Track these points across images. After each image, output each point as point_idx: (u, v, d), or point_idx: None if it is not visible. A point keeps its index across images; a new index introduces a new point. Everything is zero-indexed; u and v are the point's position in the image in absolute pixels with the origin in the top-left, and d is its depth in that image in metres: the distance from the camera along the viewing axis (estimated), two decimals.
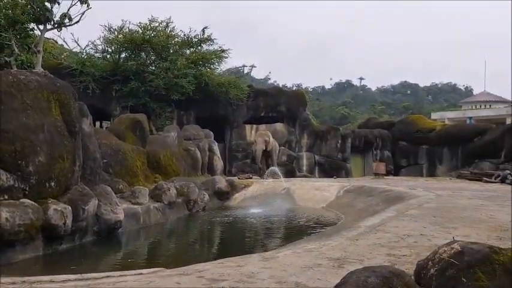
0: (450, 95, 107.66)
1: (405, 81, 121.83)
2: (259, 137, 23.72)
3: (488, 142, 29.36)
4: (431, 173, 31.20)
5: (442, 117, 46.92)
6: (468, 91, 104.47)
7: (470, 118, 44.10)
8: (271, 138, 23.79)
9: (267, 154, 23.71)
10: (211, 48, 28.77)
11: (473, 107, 55.20)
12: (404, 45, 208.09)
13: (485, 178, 22.36)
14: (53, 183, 8.68)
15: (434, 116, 47.94)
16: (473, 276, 3.13)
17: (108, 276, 4.73)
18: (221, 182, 17.73)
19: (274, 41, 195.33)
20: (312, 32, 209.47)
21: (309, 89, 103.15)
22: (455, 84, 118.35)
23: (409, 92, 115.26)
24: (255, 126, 28.36)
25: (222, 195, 17.46)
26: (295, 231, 11.57)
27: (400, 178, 26.54)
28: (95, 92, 24.62)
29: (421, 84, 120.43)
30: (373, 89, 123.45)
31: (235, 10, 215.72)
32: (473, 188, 16.99)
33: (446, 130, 32.47)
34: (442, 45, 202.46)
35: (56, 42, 27.45)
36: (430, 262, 3.40)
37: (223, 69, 32.71)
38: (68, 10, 16.80)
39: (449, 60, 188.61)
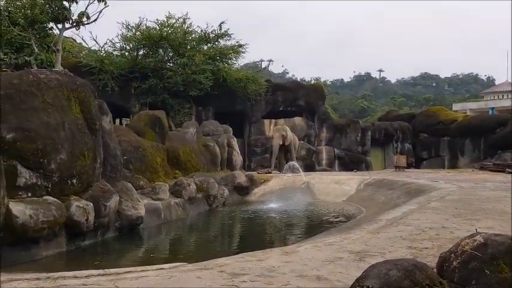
0: (472, 85, 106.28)
1: (426, 73, 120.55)
2: (276, 132, 23.80)
3: (511, 133, 28.91)
4: (453, 165, 30.85)
5: (464, 108, 46.33)
6: (490, 81, 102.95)
7: (492, 109, 43.44)
8: (289, 133, 23.79)
9: (285, 148, 23.71)
10: (228, 43, 28.89)
11: (496, 98, 54.40)
12: (425, 36, 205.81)
13: (508, 169, 21.98)
14: (74, 181, 8.76)
15: (455, 107, 47.38)
16: (497, 268, 3.09)
17: (130, 272, 4.76)
18: (240, 177, 17.84)
19: (291, 34, 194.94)
20: (330, 25, 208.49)
21: (328, 82, 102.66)
22: (477, 75, 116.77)
23: (429, 83, 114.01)
24: (273, 120, 28.40)
25: (241, 190, 17.57)
26: (315, 225, 11.57)
27: (422, 171, 26.34)
28: (114, 89, 24.81)
29: (442, 75, 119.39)
30: (393, 81, 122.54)
31: (251, 4, 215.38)
32: (496, 180, 16.76)
33: (468, 121, 32.10)
34: (463, 35, 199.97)
35: (75, 40, 27.75)
36: (452, 255, 3.36)
37: (241, 64, 32.85)
38: (86, 8, 17.00)
39: (471, 50, 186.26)
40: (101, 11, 16.81)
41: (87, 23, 17.16)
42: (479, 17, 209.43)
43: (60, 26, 17.18)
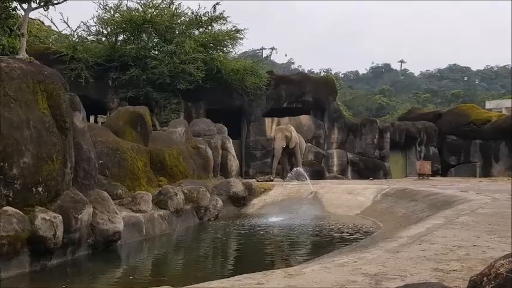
0: (508, 80, 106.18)
1: (454, 65, 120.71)
2: (279, 132, 23.73)
3: None
4: (486, 173, 30.95)
5: (499, 106, 46.37)
6: None
7: None
8: (294, 134, 23.79)
9: (289, 152, 23.73)
10: (223, 28, 28.95)
11: None
12: (454, 22, 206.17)
13: None
14: (40, 188, 8.72)
15: (489, 105, 47.46)
16: None
17: None
18: (237, 185, 17.83)
19: (298, 19, 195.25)
20: (343, 10, 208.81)
21: (340, 74, 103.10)
22: None
23: (458, 76, 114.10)
24: (276, 119, 28.48)
25: (237, 201, 17.60)
26: (324, 242, 11.58)
27: (449, 179, 26.42)
28: (88, 81, 24.76)
29: (474, 68, 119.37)
30: (416, 73, 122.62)
31: None
32: None
33: (503, 121, 32.14)
34: (498, 22, 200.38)
35: (43, 23, 27.75)
36: (485, 278, 3.34)
37: (238, 53, 32.90)
38: None
39: (507, 39, 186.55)
40: None
41: (58, 3, 17.02)
42: None
43: (25, 5, 17.11)
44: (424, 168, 25.47)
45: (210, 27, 28.66)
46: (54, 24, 28.93)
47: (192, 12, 28.12)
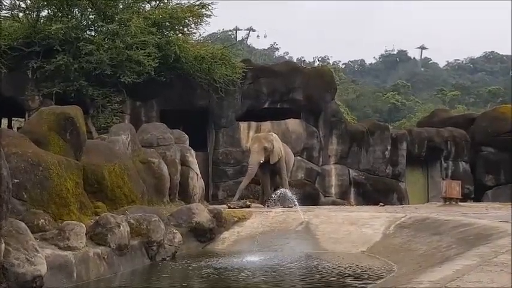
0: None
1: (492, 52, 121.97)
2: (255, 142, 23.54)
3: None
4: None
5: None
6: None
7: None
8: (278, 144, 23.61)
9: (272, 169, 23.69)
10: (184, 1, 29.14)
11: None
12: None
13: None
14: None
15: None
16: None
17: None
18: (201, 213, 17.67)
19: None
20: None
21: (340, 65, 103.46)
22: None
23: (497, 68, 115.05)
24: (254, 124, 28.68)
25: (202, 234, 17.49)
26: None
27: (485, 205, 26.39)
28: None
29: None
30: (442, 64, 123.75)
31: None
32: None
33: None
34: None
35: None
36: None
37: (204, 35, 32.79)
38: None
39: None
40: None
41: None
42: None
43: None
44: (452, 191, 25.41)
45: (165, 1, 28.82)
46: None
47: None
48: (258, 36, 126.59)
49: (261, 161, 23.07)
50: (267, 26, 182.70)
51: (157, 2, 28.31)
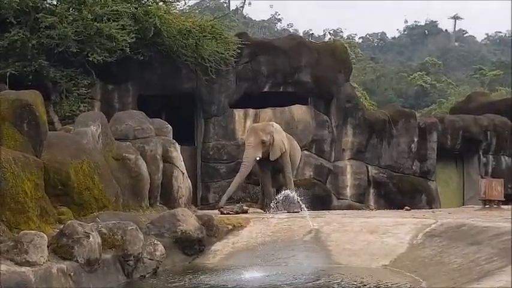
0: None
1: None
2: (251, 135, 22.24)
3: None
4: None
5: None
6: None
7: None
8: (280, 137, 22.24)
9: (274, 166, 22.49)
10: None
11: None
12: None
13: None
14: None
15: None
16: None
17: None
18: (188, 220, 17.02)
19: None
20: None
21: (357, 39, 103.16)
22: None
23: None
24: (252, 111, 27.46)
25: (189, 246, 16.81)
26: None
27: None
28: None
29: None
30: (480, 38, 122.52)
31: None
32: None
33: None
34: None
35: None
36: None
37: (190, 4, 32.61)
38: None
39: None
40: None
41: None
42: None
43: None
44: (493, 191, 24.60)
45: None
46: None
47: None
48: (250, 4, 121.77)
49: (258, 158, 21.81)
50: None
51: None
